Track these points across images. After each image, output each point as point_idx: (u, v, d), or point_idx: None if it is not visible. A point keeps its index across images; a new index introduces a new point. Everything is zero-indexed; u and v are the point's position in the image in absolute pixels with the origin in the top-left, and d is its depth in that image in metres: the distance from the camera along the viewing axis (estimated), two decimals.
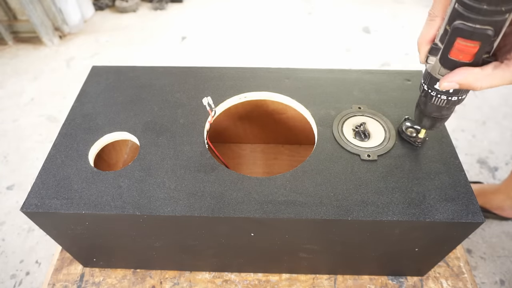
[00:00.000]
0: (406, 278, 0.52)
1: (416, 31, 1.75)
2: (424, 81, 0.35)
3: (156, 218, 0.39)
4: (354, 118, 0.48)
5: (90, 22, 1.92)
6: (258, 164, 0.65)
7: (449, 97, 0.34)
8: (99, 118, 0.48)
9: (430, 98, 0.35)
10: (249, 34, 1.82)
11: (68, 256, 0.54)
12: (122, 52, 1.72)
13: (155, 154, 0.44)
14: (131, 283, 0.52)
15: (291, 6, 2.03)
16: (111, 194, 0.40)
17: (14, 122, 1.37)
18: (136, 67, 0.56)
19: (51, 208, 0.39)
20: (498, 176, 1.15)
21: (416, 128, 0.45)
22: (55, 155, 0.44)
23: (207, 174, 0.42)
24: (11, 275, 0.95)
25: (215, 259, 0.49)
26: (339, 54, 1.69)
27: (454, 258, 0.53)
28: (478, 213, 0.38)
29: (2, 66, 1.63)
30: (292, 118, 0.59)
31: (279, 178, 0.41)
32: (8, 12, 1.66)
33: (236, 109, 0.56)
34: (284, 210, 0.38)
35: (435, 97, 0.35)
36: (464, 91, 0.33)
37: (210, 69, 0.55)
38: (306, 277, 0.52)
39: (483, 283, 0.91)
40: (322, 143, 0.45)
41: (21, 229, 1.05)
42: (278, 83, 0.53)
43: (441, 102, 0.35)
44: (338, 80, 0.54)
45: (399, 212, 0.38)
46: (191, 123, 0.47)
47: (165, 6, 2.02)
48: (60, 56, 1.68)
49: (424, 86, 0.35)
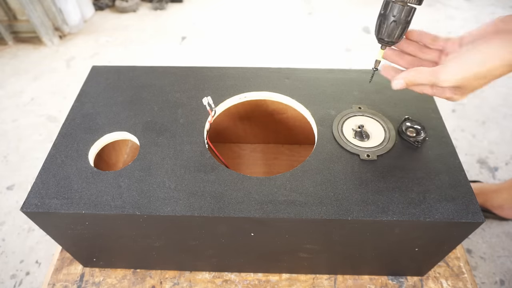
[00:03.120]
0: (406, 278, 0.52)
1: None
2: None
3: (156, 218, 0.39)
4: (354, 118, 0.48)
5: (90, 22, 1.91)
6: (258, 164, 0.65)
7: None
8: (99, 118, 0.48)
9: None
10: (249, 34, 1.82)
11: (68, 256, 0.54)
12: (122, 52, 1.72)
13: (155, 154, 0.44)
14: (131, 283, 0.52)
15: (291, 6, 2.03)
16: (111, 194, 0.40)
17: (14, 122, 1.36)
18: (136, 67, 0.56)
19: (51, 208, 0.39)
20: (498, 176, 1.15)
21: (416, 128, 0.45)
22: (55, 155, 0.44)
23: (207, 174, 0.42)
24: (11, 275, 0.95)
25: (215, 259, 0.49)
26: (339, 54, 1.69)
27: (454, 258, 0.53)
28: (478, 213, 0.38)
29: (2, 66, 1.63)
30: (292, 118, 0.59)
31: (279, 178, 0.41)
32: (8, 12, 1.66)
33: (236, 109, 0.56)
34: (284, 210, 0.38)
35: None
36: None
37: (210, 69, 0.55)
38: (306, 277, 0.52)
39: (483, 283, 0.91)
40: (322, 143, 0.45)
41: (21, 229, 1.05)
42: (278, 83, 0.53)
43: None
44: (338, 80, 0.54)
45: (399, 212, 0.38)
46: (191, 123, 0.47)
47: (165, 6, 2.02)
48: (60, 56, 1.68)
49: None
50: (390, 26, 0.40)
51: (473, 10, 1.95)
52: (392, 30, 0.40)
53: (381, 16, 0.40)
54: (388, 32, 0.40)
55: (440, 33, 0.45)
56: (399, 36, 0.40)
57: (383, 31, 0.40)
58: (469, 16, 1.90)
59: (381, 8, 0.40)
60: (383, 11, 0.40)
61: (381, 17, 0.40)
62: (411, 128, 0.46)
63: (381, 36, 0.41)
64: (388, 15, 0.39)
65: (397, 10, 0.38)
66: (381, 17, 0.40)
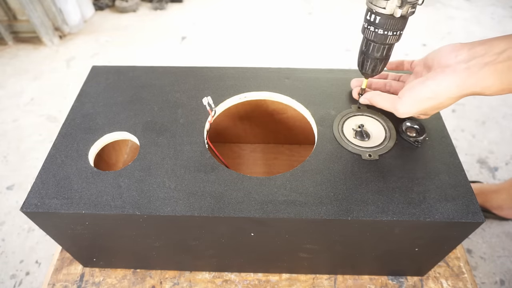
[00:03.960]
0: (406, 278, 0.52)
1: (415, 31, 1.75)
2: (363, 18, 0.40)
3: (156, 218, 0.39)
4: (354, 118, 0.48)
5: (90, 22, 1.92)
6: (258, 164, 0.65)
7: (376, 29, 0.39)
8: (99, 118, 0.48)
9: (364, 32, 0.40)
10: (249, 34, 1.82)
11: (68, 256, 0.54)
12: (122, 52, 1.72)
13: (155, 154, 0.44)
14: (131, 283, 0.52)
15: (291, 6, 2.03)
16: (111, 194, 0.40)
17: (14, 122, 1.37)
18: (136, 67, 0.56)
19: (51, 208, 0.39)
20: (498, 176, 1.15)
21: (416, 128, 0.45)
22: (55, 155, 0.44)
23: (207, 174, 0.42)
24: (11, 275, 0.95)
25: (215, 259, 0.49)
26: (339, 54, 1.69)
27: (454, 258, 0.53)
28: (478, 213, 0.38)
29: (2, 66, 1.63)
30: (292, 118, 0.59)
31: (279, 178, 0.41)
32: (8, 12, 1.66)
33: (236, 109, 0.56)
34: (284, 210, 0.38)
35: (367, 30, 0.40)
36: (389, 26, 0.38)
37: (210, 69, 0.55)
38: (306, 277, 0.52)
39: (483, 283, 0.91)
40: (322, 143, 0.45)
41: (21, 229, 1.05)
42: (278, 83, 0.53)
43: (370, 35, 0.40)
44: (338, 80, 0.54)
45: (399, 212, 0.38)
46: (191, 123, 0.47)
47: (165, 6, 2.02)
48: (60, 56, 1.68)
49: (363, 22, 0.40)
50: (373, 63, 0.42)
51: (473, 10, 1.95)
52: (375, 66, 0.43)
53: (364, 54, 0.42)
54: (371, 68, 0.43)
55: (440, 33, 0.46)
56: (382, 69, 0.43)
57: (367, 68, 0.43)
58: (469, 16, 1.90)
59: (362, 45, 0.42)
60: (365, 49, 0.42)
61: (363, 54, 0.43)
62: (411, 128, 0.46)
63: (365, 71, 0.44)
64: (370, 54, 0.41)
65: (379, 49, 0.41)
66: (363, 55, 0.43)
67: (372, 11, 0.38)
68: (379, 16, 0.37)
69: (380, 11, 0.37)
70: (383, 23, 0.38)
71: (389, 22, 0.37)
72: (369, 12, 0.38)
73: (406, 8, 0.36)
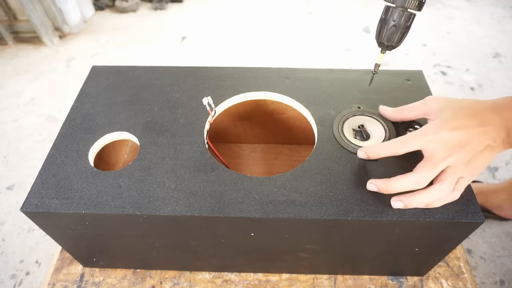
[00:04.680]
0: (406, 278, 0.52)
1: (415, 31, 1.75)
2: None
3: (156, 218, 0.39)
4: (354, 118, 0.48)
5: (90, 22, 1.92)
6: (258, 164, 0.65)
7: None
8: (99, 118, 0.48)
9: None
10: (249, 34, 1.82)
11: (68, 256, 0.54)
12: (122, 52, 1.72)
13: (155, 154, 0.44)
14: (131, 283, 0.52)
15: (291, 6, 2.03)
16: (111, 194, 0.40)
17: (14, 122, 1.37)
18: (136, 67, 0.56)
19: (51, 208, 0.39)
20: (498, 176, 1.15)
21: (416, 128, 0.45)
22: (55, 155, 0.44)
23: (207, 174, 0.42)
24: (11, 275, 0.95)
25: (215, 259, 0.49)
26: (339, 54, 1.69)
27: (454, 258, 0.53)
28: (478, 213, 0.38)
29: (2, 66, 1.63)
30: (292, 118, 0.59)
31: (279, 178, 0.41)
32: (8, 12, 1.66)
33: (236, 109, 0.56)
34: (284, 210, 0.38)
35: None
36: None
37: (210, 69, 0.55)
38: (306, 277, 0.52)
39: (483, 283, 0.91)
40: (322, 143, 0.45)
41: (21, 229, 1.05)
42: (278, 83, 0.53)
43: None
44: (338, 80, 0.54)
45: (399, 212, 0.38)
46: (191, 123, 0.47)
47: (165, 6, 2.02)
48: (60, 56, 1.68)
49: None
50: (390, 30, 0.41)
51: (473, 10, 1.95)
52: (391, 34, 0.41)
53: (382, 21, 0.41)
54: (387, 36, 0.41)
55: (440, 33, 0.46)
56: (399, 41, 0.42)
57: (383, 35, 0.41)
58: (470, 16, 1.90)
59: (382, 13, 0.41)
60: (384, 15, 0.41)
61: (381, 21, 0.41)
62: (411, 128, 0.46)
63: (381, 40, 0.42)
64: (388, 19, 0.40)
65: (397, 15, 0.39)
66: (381, 22, 0.41)
67: None
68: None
69: None
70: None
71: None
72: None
73: None
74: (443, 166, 0.35)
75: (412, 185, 0.36)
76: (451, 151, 0.35)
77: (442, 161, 0.35)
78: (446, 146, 0.35)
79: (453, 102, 0.38)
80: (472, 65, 1.59)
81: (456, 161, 0.35)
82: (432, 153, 0.35)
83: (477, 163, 0.36)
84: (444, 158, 0.35)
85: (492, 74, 1.55)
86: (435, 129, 0.35)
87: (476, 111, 0.36)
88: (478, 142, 0.35)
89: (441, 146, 0.35)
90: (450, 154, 0.35)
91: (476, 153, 0.35)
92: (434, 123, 0.36)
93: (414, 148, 0.36)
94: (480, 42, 1.73)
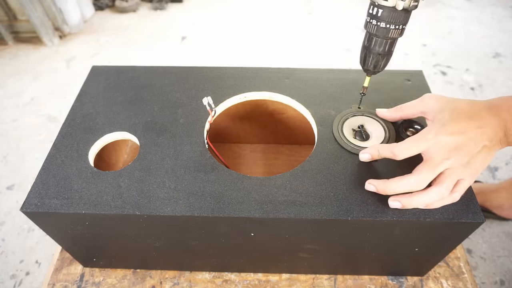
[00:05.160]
0: (406, 278, 0.52)
1: (415, 31, 1.75)
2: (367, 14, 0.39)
3: (156, 218, 0.39)
4: (354, 118, 0.48)
5: (90, 22, 1.92)
6: (258, 164, 0.65)
7: (378, 22, 0.38)
8: (99, 118, 0.48)
9: (366, 26, 0.40)
10: (249, 34, 1.82)
11: (68, 256, 0.54)
12: (122, 52, 1.72)
13: (155, 154, 0.44)
14: (131, 283, 0.52)
15: (291, 6, 2.03)
16: (111, 194, 0.40)
17: (14, 122, 1.37)
18: (136, 67, 0.56)
19: (51, 208, 0.39)
20: (498, 176, 1.15)
21: (416, 128, 0.45)
22: (55, 155, 0.44)
23: (207, 174, 0.42)
24: (11, 275, 0.95)
25: (215, 259, 0.49)
26: (339, 54, 1.69)
27: (454, 258, 0.53)
28: (478, 213, 0.38)
29: (2, 66, 1.63)
30: (292, 118, 0.59)
31: (279, 178, 0.41)
32: (8, 12, 1.66)
33: (236, 109, 0.56)
34: (284, 210, 0.38)
35: (369, 24, 0.39)
36: (391, 19, 0.37)
37: (210, 69, 0.55)
38: (306, 277, 0.52)
39: (483, 283, 0.91)
40: (322, 143, 0.45)
41: (21, 229, 1.05)
42: (278, 83, 0.53)
43: (372, 28, 0.39)
44: (338, 80, 0.54)
45: (399, 212, 0.38)
46: (191, 123, 0.47)
47: (165, 6, 2.02)
48: (60, 56, 1.68)
49: (367, 18, 0.39)
50: (375, 58, 0.41)
51: (474, 10, 1.95)
52: (377, 62, 0.42)
53: (366, 49, 0.42)
54: (373, 64, 0.42)
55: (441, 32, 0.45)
56: (385, 66, 0.42)
57: (369, 63, 0.42)
58: (470, 16, 1.90)
59: (364, 40, 0.41)
60: (367, 43, 0.41)
61: (365, 50, 0.42)
62: (411, 128, 0.46)
63: (367, 67, 0.43)
64: (373, 48, 0.41)
65: (382, 44, 0.40)
66: (365, 50, 0.42)
67: (374, 4, 0.38)
68: (381, 9, 0.37)
69: (382, 4, 0.37)
70: (385, 16, 0.37)
71: (391, 15, 0.37)
72: (371, 5, 0.38)
73: (409, 1, 0.36)
74: (441, 169, 0.36)
75: (411, 187, 0.37)
76: (449, 154, 0.35)
77: (441, 163, 0.36)
78: (445, 149, 0.35)
79: (450, 103, 0.38)
80: (472, 65, 1.59)
81: (455, 163, 0.36)
82: (431, 156, 0.36)
83: (475, 164, 0.36)
84: (442, 161, 0.35)
85: (492, 74, 1.55)
86: (433, 134, 0.36)
87: (474, 112, 0.36)
88: (475, 143, 0.35)
89: (439, 150, 0.35)
90: (448, 157, 0.35)
91: (473, 155, 0.36)
92: (432, 128, 0.37)
93: (415, 153, 0.37)
94: (480, 42, 1.73)
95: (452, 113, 0.37)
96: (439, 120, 0.37)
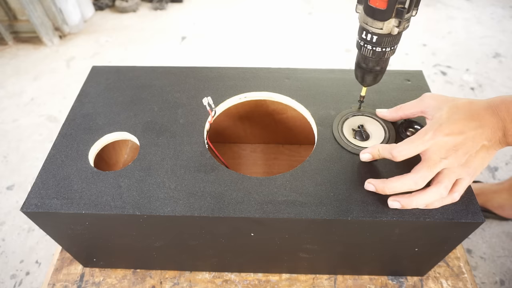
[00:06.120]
0: (406, 278, 0.52)
1: (415, 31, 1.75)
2: (357, 35, 0.39)
3: (156, 218, 0.39)
4: (354, 118, 0.48)
5: (90, 22, 1.92)
6: (258, 164, 0.65)
7: (374, 47, 0.38)
8: (99, 118, 0.48)
9: (360, 49, 0.40)
10: (249, 34, 1.82)
11: (68, 256, 0.54)
12: (122, 52, 1.72)
13: (155, 154, 0.44)
14: (131, 283, 0.52)
15: (291, 6, 2.03)
16: (111, 194, 0.40)
17: (14, 122, 1.37)
18: (136, 67, 0.56)
19: (51, 208, 0.39)
20: (498, 176, 1.15)
21: (416, 128, 0.45)
22: (55, 155, 0.44)
23: (207, 174, 0.42)
24: (11, 275, 0.95)
25: (215, 259, 0.49)
26: (339, 54, 1.69)
27: (454, 258, 0.53)
28: (478, 213, 0.38)
29: (2, 66, 1.63)
30: (292, 118, 0.59)
31: (279, 178, 0.41)
32: (8, 12, 1.66)
33: (236, 109, 0.56)
34: (284, 210, 0.38)
35: (364, 48, 0.39)
36: (387, 43, 0.37)
37: (210, 69, 0.55)
38: (306, 277, 0.52)
39: (483, 283, 0.91)
40: (322, 143, 0.45)
41: (21, 229, 1.05)
42: (278, 83, 0.53)
43: (367, 52, 0.39)
44: (338, 80, 0.54)
45: (399, 212, 0.38)
46: (191, 123, 0.47)
47: (165, 6, 2.02)
48: (60, 56, 1.68)
49: (357, 38, 0.39)
50: (373, 75, 0.42)
51: (474, 10, 1.95)
52: (375, 77, 0.42)
53: (362, 69, 0.42)
54: (371, 80, 0.42)
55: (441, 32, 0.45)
56: (381, 77, 0.43)
57: (369, 81, 0.43)
58: (470, 16, 1.90)
59: (359, 60, 0.41)
60: (364, 65, 0.41)
61: (362, 70, 0.42)
62: (411, 128, 0.46)
63: (366, 83, 0.43)
64: (371, 69, 0.41)
65: (379, 63, 0.40)
66: (362, 70, 0.42)
67: (368, 31, 0.37)
68: (376, 36, 0.37)
69: (377, 32, 0.36)
70: (380, 41, 0.37)
71: (386, 40, 0.37)
72: (364, 31, 0.37)
73: (403, 25, 0.36)
74: (439, 168, 0.36)
75: (409, 186, 0.37)
76: (447, 154, 0.35)
77: (439, 162, 0.35)
78: (443, 149, 0.35)
79: (449, 102, 0.38)
80: (472, 65, 1.59)
81: (453, 163, 0.35)
82: (429, 156, 0.36)
83: (474, 163, 0.36)
84: (440, 160, 0.35)
85: (492, 74, 1.55)
86: (431, 134, 0.36)
87: (473, 112, 0.36)
88: (474, 143, 0.35)
89: (437, 149, 0.35)
90: (446, 156, 0.35)
91: (472, 154, 0.36)
92: (430, 127, 0.37)
93: (414, 154, 0.37)
94: (480, 42, 1.73)
95: (450, 112, 0.37)
96: (438, 120, 0.37)
